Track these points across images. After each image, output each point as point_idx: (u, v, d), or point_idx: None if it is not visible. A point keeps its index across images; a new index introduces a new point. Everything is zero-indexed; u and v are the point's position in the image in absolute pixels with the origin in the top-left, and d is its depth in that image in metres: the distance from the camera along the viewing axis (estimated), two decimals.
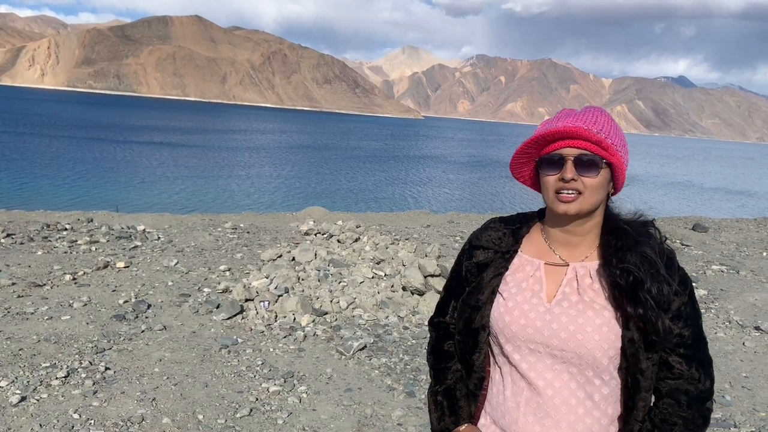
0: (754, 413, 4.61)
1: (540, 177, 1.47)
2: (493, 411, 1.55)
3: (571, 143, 1.39)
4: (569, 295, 1.45)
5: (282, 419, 4.05)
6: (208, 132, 74.06)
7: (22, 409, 3.83)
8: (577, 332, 1.40)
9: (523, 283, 1.50)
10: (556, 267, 1.49)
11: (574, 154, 1.39)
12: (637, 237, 1.43)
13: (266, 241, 9.48)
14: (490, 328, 1.53)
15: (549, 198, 1.43)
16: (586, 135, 1.37)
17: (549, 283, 1.49)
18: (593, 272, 1.46)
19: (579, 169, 1.38)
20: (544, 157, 1.43)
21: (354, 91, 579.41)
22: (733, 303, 7.50)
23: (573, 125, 1.38)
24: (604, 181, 1.40)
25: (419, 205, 26.30)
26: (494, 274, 1.54)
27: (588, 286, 1.45)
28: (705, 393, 1.45)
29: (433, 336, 1.73)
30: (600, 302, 1.42)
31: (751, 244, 11.84)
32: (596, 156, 1.38)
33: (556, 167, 1.40)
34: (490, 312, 1.52)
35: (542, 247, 1.54)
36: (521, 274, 1.52)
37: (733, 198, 43.26)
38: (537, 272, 1.50)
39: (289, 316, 6.04)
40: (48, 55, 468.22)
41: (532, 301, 1.47)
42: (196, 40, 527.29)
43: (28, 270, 6.92)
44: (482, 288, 1.54)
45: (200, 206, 21.51)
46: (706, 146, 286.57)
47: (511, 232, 1.59)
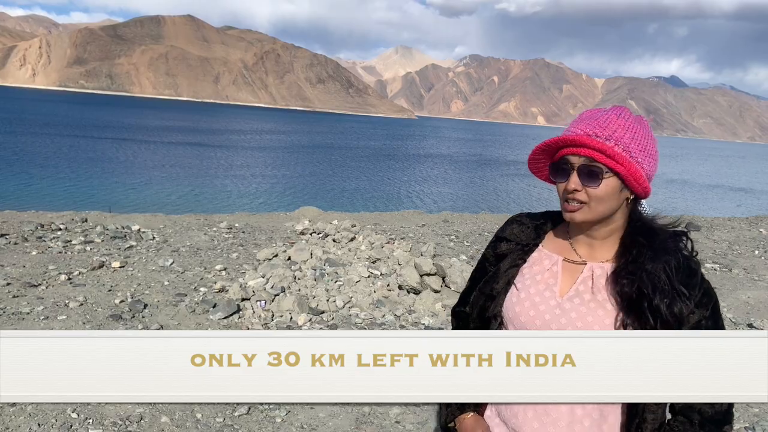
0: (747, 409, 4.66)
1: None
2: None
3: (575, 151, 1.36)
4: (582, 292, 1.44)
5: (280, 417, 4.06)
6: (201, 132, 73.88)
7: (20, 409, 3.83)
8: (585, 330, 1.39)
9: (538, 276, 1.50)
10: (574, 264, 1.49)
11: (579, 163, 1.36)
12: (659, 246, 1.40)
13: (262, 241, 9.48)
14: (501, 317, 1.53)
15: (561, 203, 1.43)
16: (588, 142, 1.34)
17: (564, 278, 1.48)
18: (610, 274, 1.44)
19: (582, 178, 1.36)
20: (552, 164, 1.43)
21: (347, 90, 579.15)
22: (726, 301, 7.56)
23: (575, 133, 1.36)
24: (611, 189, 1.36)
25: (414, 205, 26.36)
26: (511, 265, 1.55)
27: (602, 287, 1.43)
28: (722, 415, 1.37)
29: (454, 324, 1.75)
30: (613, 304, 1.40)
31: (744, 242, 11.93)
32: (599, 165, 1.34)
33: (563, 175, 1.39)
34: (503, 302, 1.53)
35: (564, 244, 1.53)
36: (538, 267, 1.52)
37: (727, 197, 43.57)
38: (554, 267, 1.50)
39: (285, 315, 6.05)
40: (39, 55, 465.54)
41: (544, 293, 1.47)
42: (188, 39, 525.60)
43: (23, 270, 6.89)
44: (498, 277, 1.55)
45: (194, 206, 21.46)
46: (698, 146, 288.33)
47: (535, 226, 1.59)
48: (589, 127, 1.36)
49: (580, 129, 1.37)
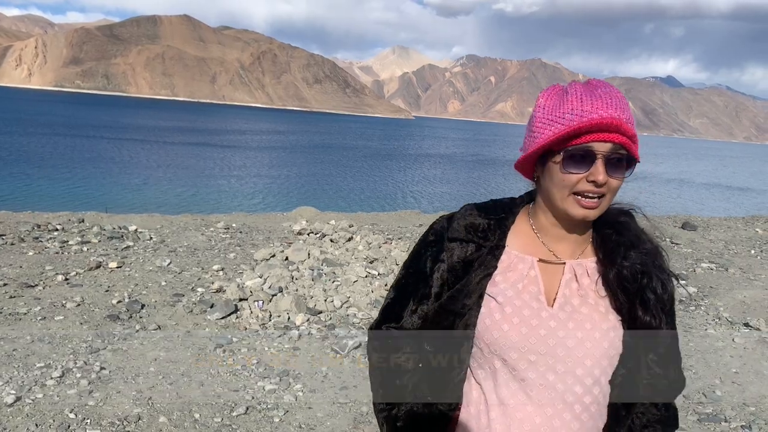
0: (744, 408, 4.67)
1: (550, 168, 1.23)
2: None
3: (605, 137, 1.15)
4: (570, 297, 1.27)
5: (278, 417, 4.06)
6: (198, 132, 73.77)
7: (18, 409, 3.82)
8: (586, 339, 1.23)
9: (519, 284, 1.27)
10: (551, 265, 1.29)
11: (606, 150, 1.16)
12: (628, 232, 1.29)
13: (259, 241, 9.48)
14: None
15: (561, 196, 1.21)
16: (624, 128, 1.15)
17: (545, 283, 1.28)
18: (591, 271, 1.29)
19: (609, 168, 1.17)
20: (568, 150, 1.18)
21: (344, 91, 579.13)
22: (722, 300, 7.58)
23: (610, 116, 1.14)
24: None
25: (411, 205, 26.39)
26: (483, 275, 1.29)
27: (588, 287, 1.28)
28: (677, 392, 1.37)
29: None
30: (604, 305, 1.27)
31: (740, 242, 11.96)
32: (624, 152, 1.17)
33: (584, 165, 1.17)
34: (477, 319, 1.27)
35: (532, 241, 1.32)
36: (514, 273, 1.29)
37: (723, 196, 43.70)
38: (531, 271, 1.28)
39: (283, 315, 6.05)
40: (35, 55, 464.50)
41: (532, 305, 1.25)
42: (185, 39, 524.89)
43: (20, 271, 6.88)
44: (469, 291, 1.28)
45: (191, 206, 21.43)
46: (695, 146, 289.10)
47: (497, 222, 1.33)
48: (618, 110, 1.15)
49: (610, 111, 1.14)
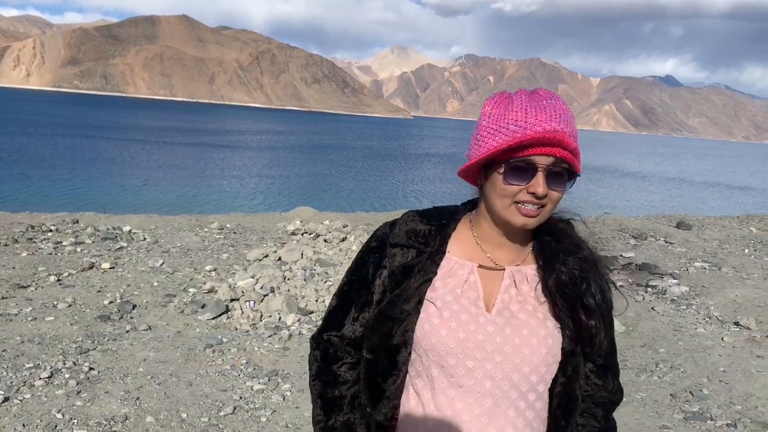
0: (730, 406, 4.69)
1: (493, 178, 1.23)
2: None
3: (546, 151, 1.17)
4: (509, 303, 1.27)
5: (265, 417, 4.08)
6: (197, 132, 73.76)
7: (5, 410, 3.84)
8: (523, 345, 1.24)
9: (458, 289, 1.28)
10: (491, 271, 1.30)
11: (547, 164, 1.17)
12: (567, 240, 1.31)
13: (253, 242, 9.50)
14: (413, 344, 1.28)
15: (503, 204, 1.22)
16: (566, 142, 1.16)
17: (485, 289, 1.29)
18: (530, 277, 1.30)
19: (549, 180, 1.18)
20: (510, 162, 1.19)
21: (343, 90, 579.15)
22: (713, 299, 7.60)
23: (553, 129, 1.15)
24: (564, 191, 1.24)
25: (410, 205, 26.38)
26: (423, 280, 1.29)
27: (527, 294, 1.29)
28: (616, 404, 1.39)
29: (319, 356, 1.41)
30: (542, 311, 1.28)
31: (734, 241, 11.98)
32: (565, 165, 1.19)
33: (525, 177, 1.18)
34: (415, 325, 1.27)
35: (471, 247, 1.32)
36: (453, 279, 1.29)
37: (723, 195, 43.73)
38: (471, 276, 1.29)
39: (274, 315, 6.07)
40: (33, 55, 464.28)
41: (470, 310, 1.25)
42: (183, 39, 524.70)
43: (13, 271, 6.89)
44: (408, 296, 1.28)
45: (190, 207, 21.43)
46: (694, 145, 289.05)
47: (438, 229, 1.34)
48: (561, 123, 1.17)
49: (554, 124, 1.16)
